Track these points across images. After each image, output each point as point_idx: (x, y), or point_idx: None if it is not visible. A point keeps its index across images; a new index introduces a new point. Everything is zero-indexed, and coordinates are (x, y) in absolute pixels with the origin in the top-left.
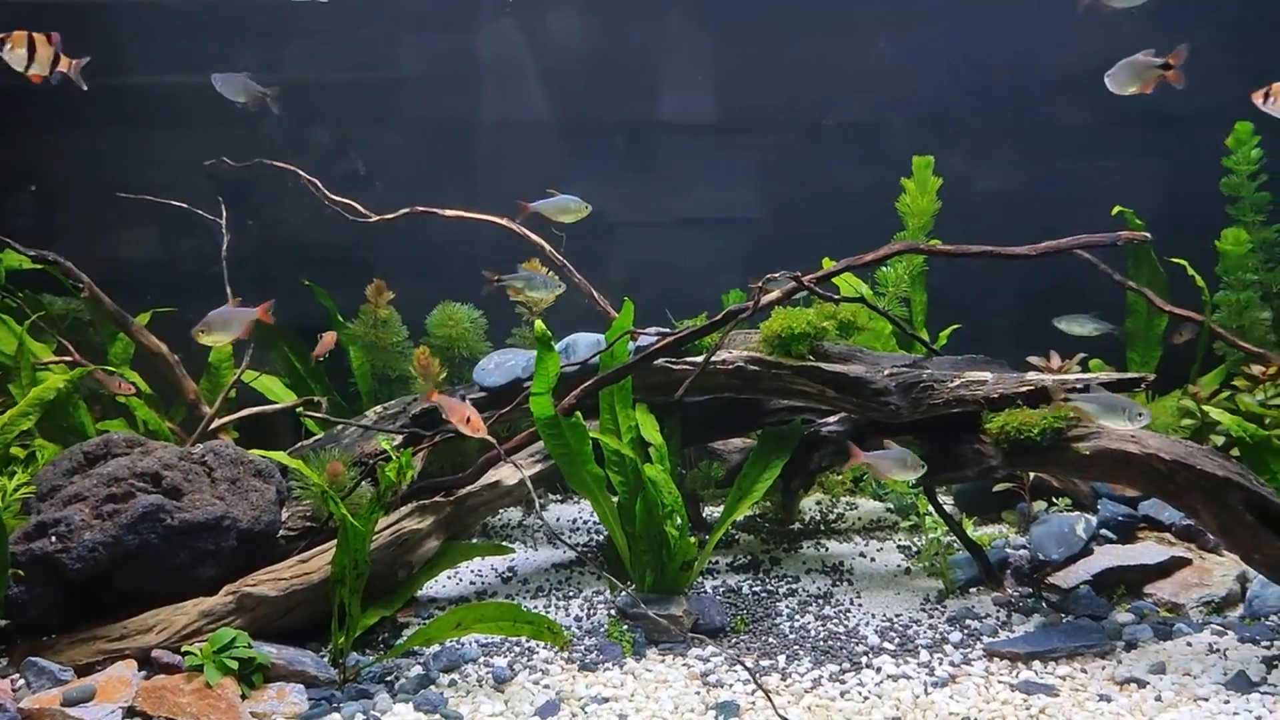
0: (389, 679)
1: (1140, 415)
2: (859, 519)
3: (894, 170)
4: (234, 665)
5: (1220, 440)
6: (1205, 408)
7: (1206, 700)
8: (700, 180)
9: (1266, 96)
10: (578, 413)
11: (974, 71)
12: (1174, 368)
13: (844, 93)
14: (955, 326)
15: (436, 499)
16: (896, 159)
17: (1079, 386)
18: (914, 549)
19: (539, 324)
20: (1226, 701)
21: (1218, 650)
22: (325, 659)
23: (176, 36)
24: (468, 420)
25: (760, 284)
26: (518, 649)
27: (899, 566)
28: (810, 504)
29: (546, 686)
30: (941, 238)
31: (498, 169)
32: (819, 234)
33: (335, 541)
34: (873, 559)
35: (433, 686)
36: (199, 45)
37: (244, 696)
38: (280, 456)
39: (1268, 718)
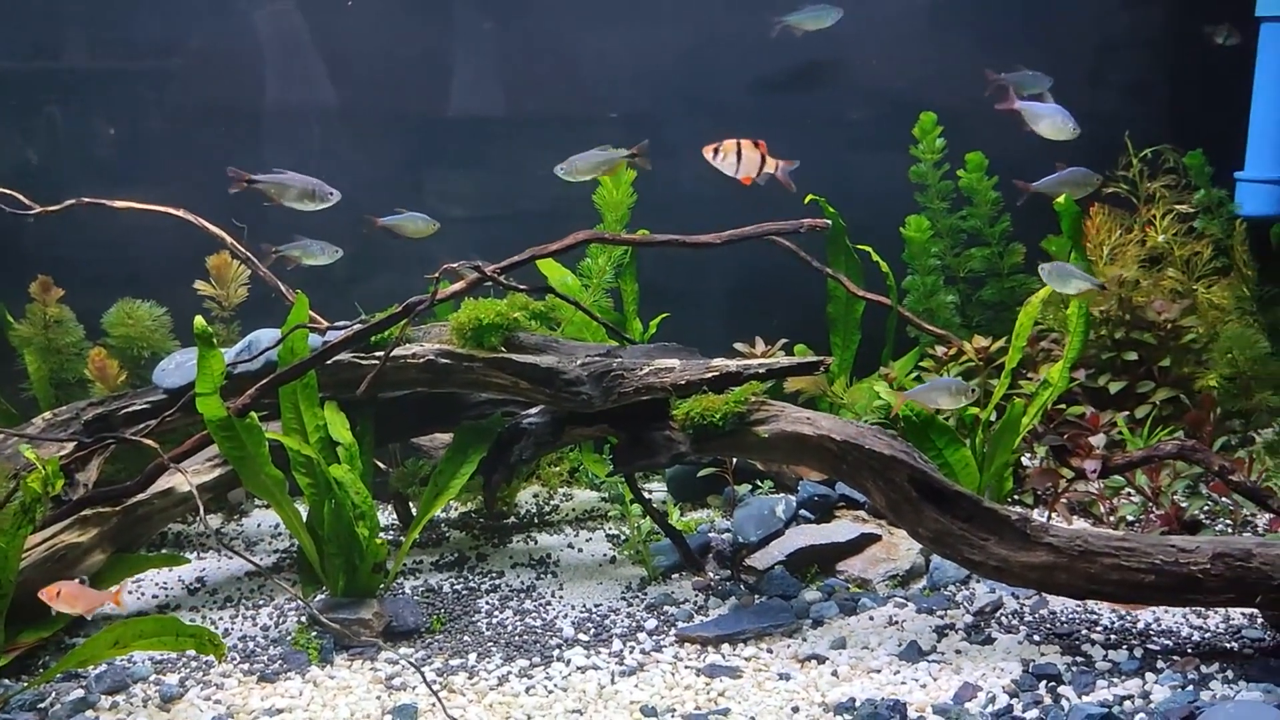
0: (41, 706)
1: None
2: (573, 510)
3: None
4: None
5: None
6: (876, 388)
7: (879, 672)
8: (427, 173)
9: (716, 152)
10: (253, 413)
11: (682, 66)
12: (874, 351)
13: (566, 88)
14: (665, 315)
15: (101, 510)
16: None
17: (760, 371)
18: (623, 538)
19: (199, 320)
20: (897, 672)
21: (896, 622)
22: None
23: None
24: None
25: (437, 275)
26: (194, 664)
27: (605, 556)
28: (527, 496)
29: (218, 702)
30: (652, 229)
31: (197, 158)
32: (547, 226)
33: None
34: (580, 550)
35: (90, 710)
36: None
37: None
38: None
39: (931, 685)
